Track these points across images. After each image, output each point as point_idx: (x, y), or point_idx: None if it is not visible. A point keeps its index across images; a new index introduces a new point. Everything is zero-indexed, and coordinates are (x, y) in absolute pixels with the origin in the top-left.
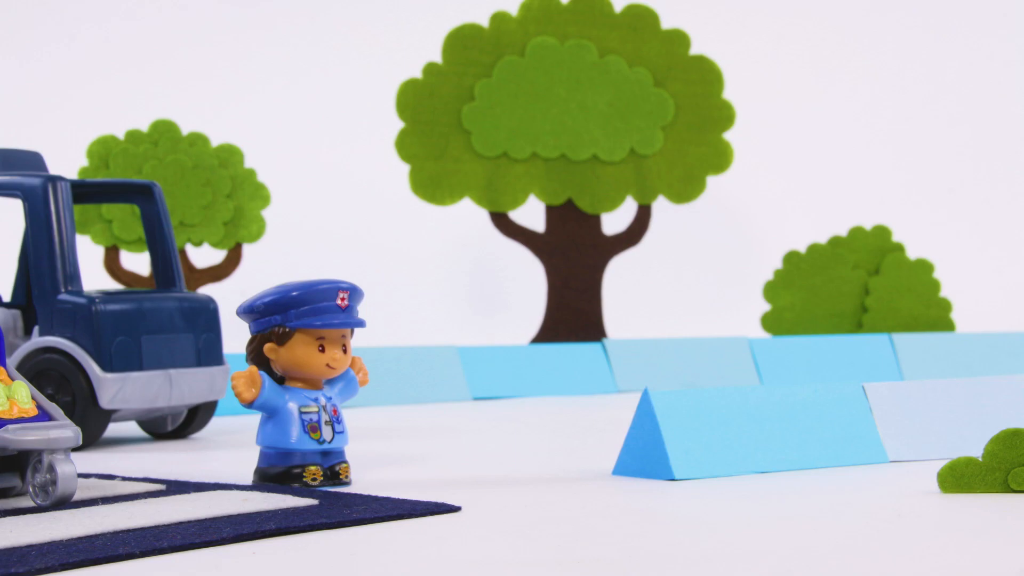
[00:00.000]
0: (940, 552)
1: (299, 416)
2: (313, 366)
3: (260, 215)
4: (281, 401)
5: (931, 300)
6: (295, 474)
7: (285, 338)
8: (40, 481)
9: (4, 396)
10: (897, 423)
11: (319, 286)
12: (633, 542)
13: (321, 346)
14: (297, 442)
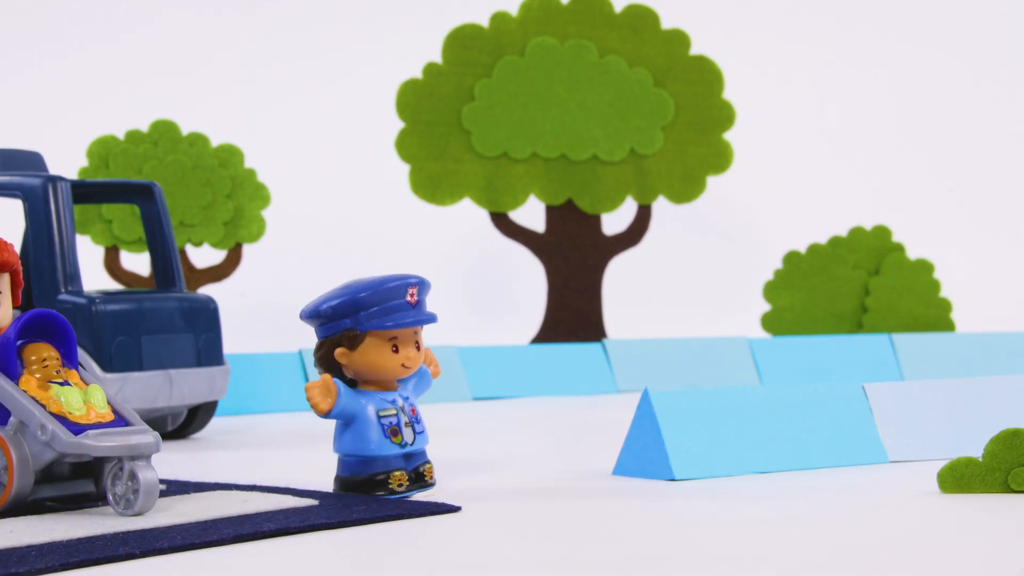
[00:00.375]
0: (940, 552)
1: (378, 420)
2: (388, 368)
3: (260, 215)
4: (358, 407)
5: (931, 300)
6: (379, 481)
7: (356, 341)
8: (121, 490)
9: (81, 401)
10: (897, 423)
11: (387, 284)
12: (633, 542)
13: (395, 346)
14: (379, 448)
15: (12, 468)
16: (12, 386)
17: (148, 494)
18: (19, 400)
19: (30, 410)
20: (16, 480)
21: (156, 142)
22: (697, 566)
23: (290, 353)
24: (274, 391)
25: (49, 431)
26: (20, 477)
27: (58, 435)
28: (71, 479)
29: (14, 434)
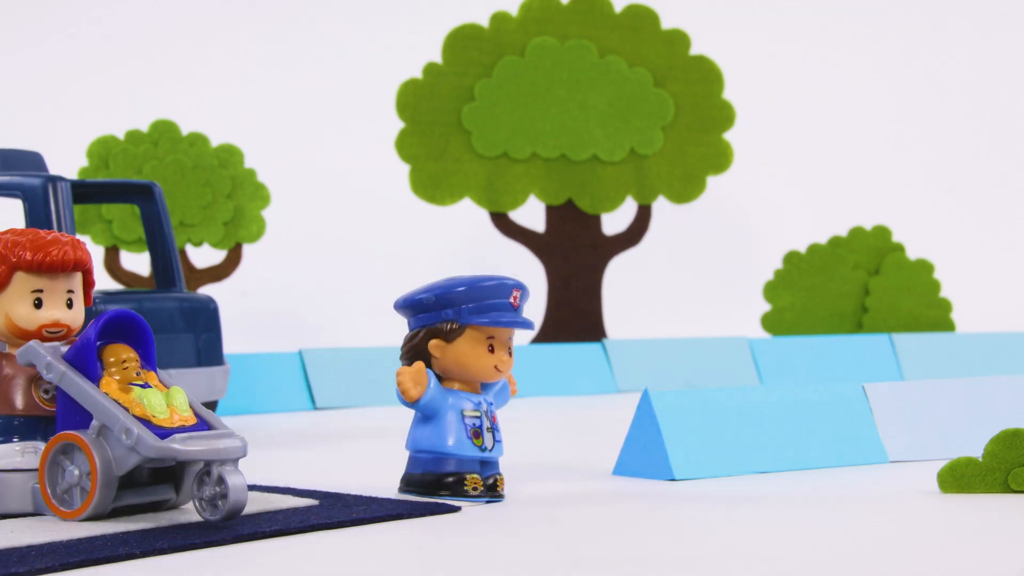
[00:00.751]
0: (940, 552)
1: (462, 419)
2: (480, 367)
3: (260, 215)
4: (444, 402)
5: (931, 300)
6: (454, 482)
7: (454, 335)
8: (209, 495)
9: (164, 404)
10: (897, 423)
11: (492, 281)
12: (633, 542)
13: (491, 346)
14: (459, 447)
15: (96, 473)
16: (94, 388)
17: (236, 499)
18: (102, 403)
19: (113, 413)
20: (99, 486)
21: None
22: (697, 566)
23: (290, 353)
24: (274, 391)
25: (134, 435)
26: (103, 483)
27: (144, 439)
28: (150, 484)
29: (96, 438)
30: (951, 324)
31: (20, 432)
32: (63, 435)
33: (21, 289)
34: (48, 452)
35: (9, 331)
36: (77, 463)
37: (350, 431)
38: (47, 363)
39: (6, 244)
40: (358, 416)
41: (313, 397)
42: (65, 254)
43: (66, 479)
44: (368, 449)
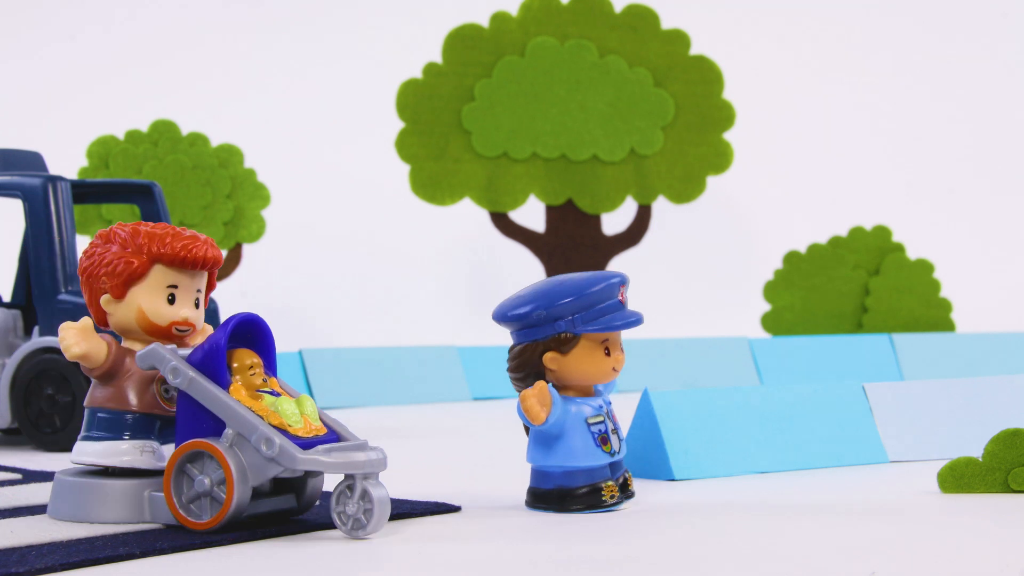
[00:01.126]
0: (940, 552)
1: (588, 428)
2: (599, 372)
3: (260, 215)
4: (568, 414)
5: (931, 300)
6: (592, 493)
7: (570, 346)
8: (352, 509)
9: (297, 412)
10: (897, 423)
11: (601, 284)
12: (633, 542)
13: (606, 349)
14: (591, 458)
15: (232, 482)
16: (227, 396)
17: (381, 513)
18: (238, 411)
19: (252, 423)
20: (236, 495)
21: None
22: (697, 566)
23: (290, 353)
24: None
25: (276, 446)
26: (240, 492)
27: (287, 450)
28: (274, 494)
29: (230, 447)
30: (951, 324)
31: (132, 429)
32: (194, 443)
33: (157, 283)
34: (176, 460)
35: (139, 324)
36: (207, 472)
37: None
38: (173, 367)
39: (146, 236)
40: (358, 416)
41: (313, 397)
42: (206, 251)
43: (195, 488)
44: None
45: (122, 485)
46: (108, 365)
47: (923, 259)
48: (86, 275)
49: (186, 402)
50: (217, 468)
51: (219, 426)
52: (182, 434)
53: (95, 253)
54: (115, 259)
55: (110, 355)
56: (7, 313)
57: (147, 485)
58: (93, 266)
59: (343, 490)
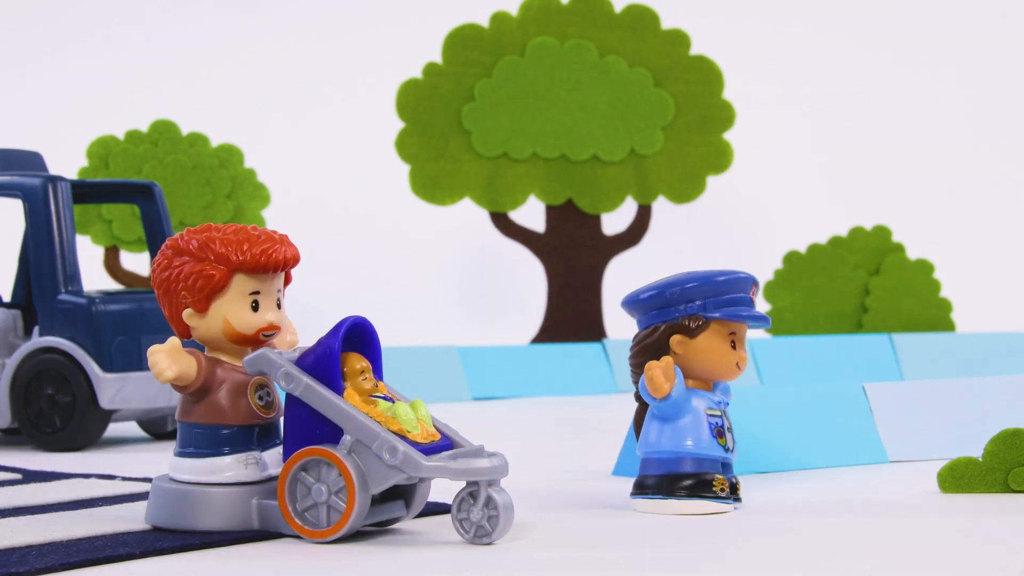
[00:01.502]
0: (940, 552)
1: (705, 418)
2: (724, 364)
3: (260, 215)
4: (688, 400)
5: (931, 300)
6: (697, 483)
7: (698, 330)
8: (477, 516)
9: (414, 418)
10: (897, 423)
11: (733, 275)
12: (633, 542)
13: (732, 342)
14: (708, 448)
15: (353, 491)
16: (346, 403)
17: (507, 520)
18: (358, 418)
19: (373, 429)
20: (357, 504)
21: (156, 142)
22: (697, 566)
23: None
24: None
25: (400, 453)
26: (360, 501)
27: (412, 458)
28: (384, 502)
29: (348, 454)
30: (951, 324)
31: (231, 443)
32: (311, 451)
33: (240, 292)
34: (291, 468)
35: (225, 335)
36: (325, 480)
37: None
38: (286, 373)
39: (222, 244)
40: None
41: None
42: (284, 252)
43: (312, 497)
44: None
45: (227, 492)
46: (200, 382)
47: (923, 259)
48: (163, 289)
49: (296, 408)
50: (336, 476)
51: (333, 433)
52: (292, 442)
53: (170, 266)
54: (193, 273)
55: (200, 371)
56: (7, 313)
57: (253, 492)
58: (170, 280)
59: (465, 497)
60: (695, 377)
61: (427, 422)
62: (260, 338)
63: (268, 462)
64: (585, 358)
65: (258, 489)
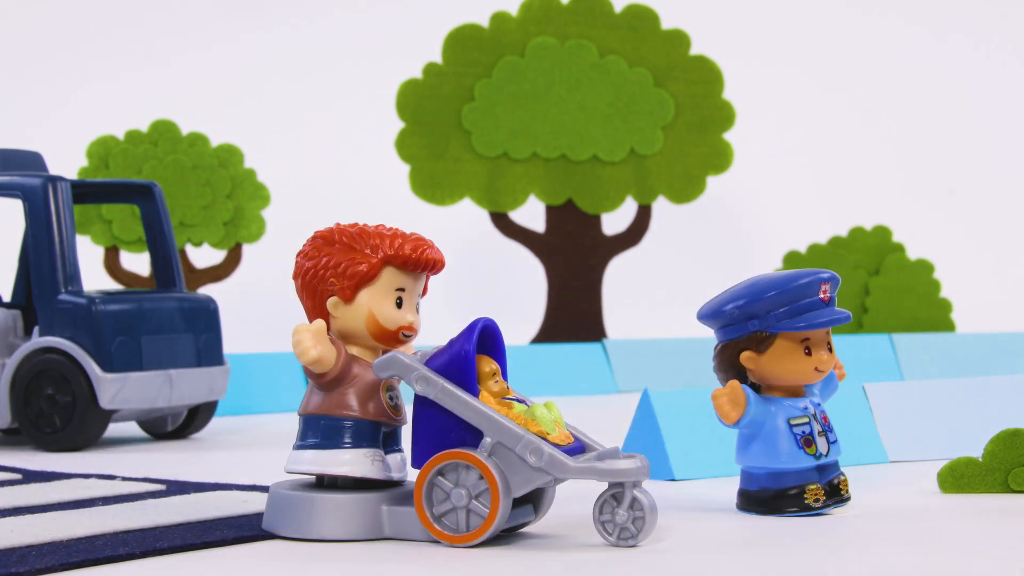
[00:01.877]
0: (940, 552)
1: (790, 430)
2: (799, 372)
3: (260, 215)
4: (768, 414)
5: (931, 300)
6: (793, 496)
7: (765, 345)
8: (622, 518)
9: (551, 419)
10: (897, 423)
11: (798, 281)
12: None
13: (807, 348)
14: (791, 460)
15: (498, 495)
16: (485, 405)
17: (652, 521)
18: (500, 421)
19: (516, 432)
20: (500, 508)
21: (156, 142)
22: (696, 566)
23: (290, 353)
24: (274, 391)
25: (545, 455)
26: (503, 504)
27: (557, 459)
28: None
29: (489, 457)
30: (951, 324)
31: (357, 436)
32: (450, 454)
33: (387, 286)
34: (428, 472)
35: (368, 328)
36: (464, 484)
37: None
38: (422, 376)
39: (376, 236)
40: None
41: None
42: (436, 253)
43: (451, 502)
44: None
45: (355, 499)
46: (337, 371)
47: (923, 259)
48: (308, 276)
49: (429, 412)
50: (476, 480)
51: (468, 436)
52: (423, 446)
53: (319, 254)
54: (344, 260)
55: (339, 360)
56: (7, 313)
57: (382, 498)
58: (317, 268)
59: (607, 499)
60: (777, 386)
61: (561, 424)
62: (400, 337)
63: (391, 465)
64: (585, 358)
65: (385, 495)
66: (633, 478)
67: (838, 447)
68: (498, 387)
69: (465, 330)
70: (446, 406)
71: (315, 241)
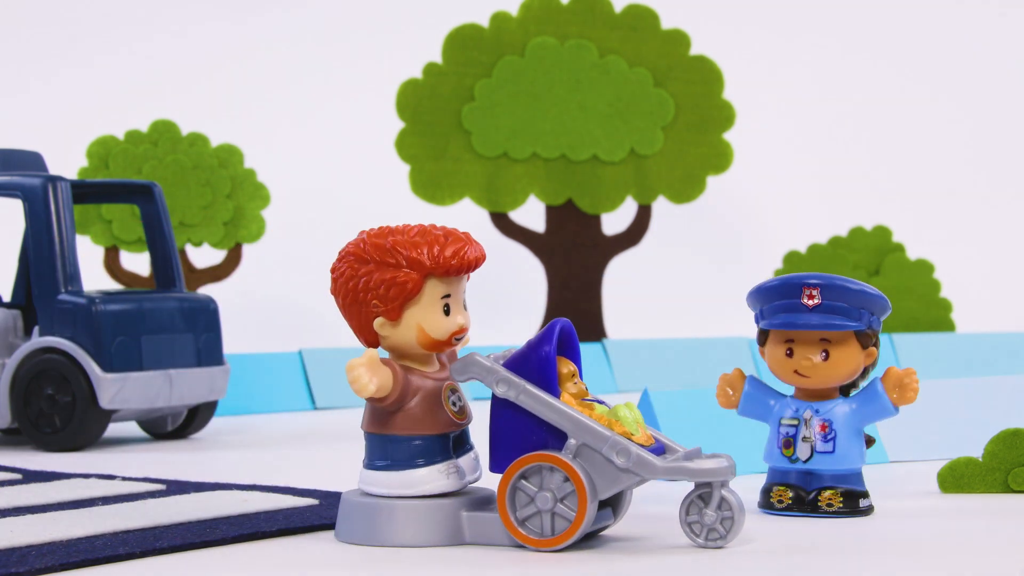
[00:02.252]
0: (940, 552)
1: (777, 429)
2: (782, 373)
3: (260, 215)
4: (764, 409)
5: (931, 300)
6: (763, 491)
7: (762, 340)
8: (711, 519)
9: (632, 420)
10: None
11: (785, 281)
12: (633, 543)
13: (788, 349)
14: (770, 457)
15: (584, 496)
16: (569, 406)
17: (740, 521)
18: (584, 422)
19: (602, 433)
20: (588, 510)
21: (156, 142)
22: (697, 566)
23: (290, 353)
24: (274, 391)
25: (633, 455)
26: (591, 507)
27: (645, 460)
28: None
29: (574, 459)
30: (951, 324)
31: (429, 453)
32: (534, 457)
33: (432, 297)
34: (511, 476)
35: (420, 343)
36: (549, 487)
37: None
38: (503, 378)
39: (410, 245)
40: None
41: (313, 397)
42: (475, 250)
43: (537, 505)
44: None
45: (435, 505)
46: (397, 393)
47: (923, 259)
48: (350, 299)
49: (507, 414)
50: (561, 482)
51: (550, 439)
52: (504, 449)
53: (355, 274)
54: (384, 281)
55: (398, 383)
56: (7, 313)
57: (461, 504)
58: (358, 291)
59: (694, 500)
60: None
61: (643, 424)
62: (452, 342)
63: (465, 469)
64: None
65: (461, 500)
66: (722, 478)
67: (829, 459)
68: (576, 388)
69: (545, 331)
70: (528, 408)
71: (346, 259)
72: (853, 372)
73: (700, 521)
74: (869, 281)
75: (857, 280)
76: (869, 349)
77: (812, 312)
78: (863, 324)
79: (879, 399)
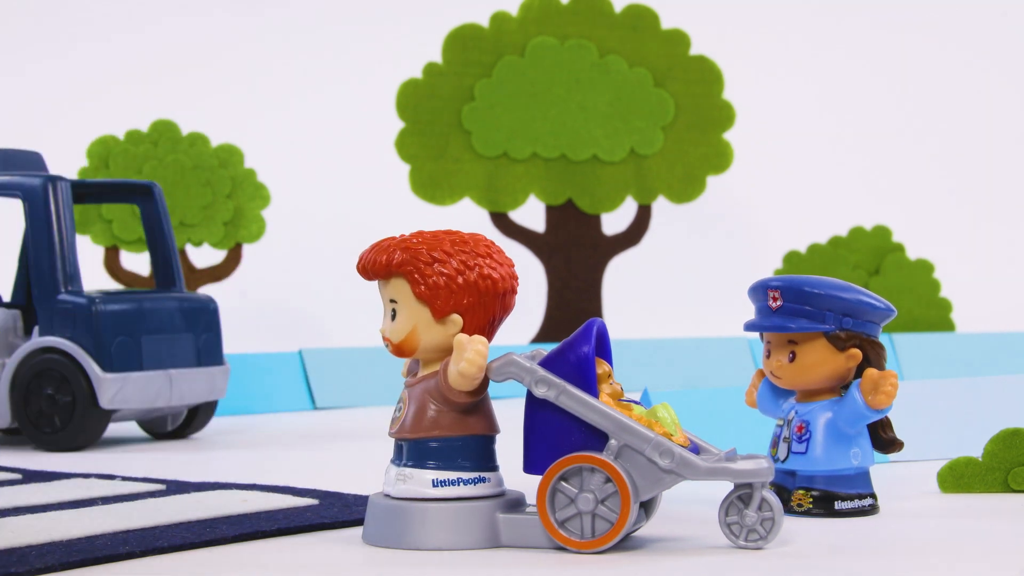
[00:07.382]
0: (940, 552)
1: (775, 428)
2: (767, 373)
3: (260, 215)
4: (774, 407)
5: (931, 300)
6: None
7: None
8: (751, 520)
9: (670, 421)
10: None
11: (758, 285)
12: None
13: (767, 351)
14: None
15: (628, 497)
16: (611, 408)
17: (780, 522)
18: (627, 423)
19: (644, 433)
20: (631, 510)
21: (156, 142)
22: (696, 566)
23: (290, 353)
24: (274, 391)
25: (676, 456)
26: (633, 508)
27: (688, 460)
28: None
29: (615, 459)
30: (951, 324)
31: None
32: (576, 458)
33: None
34: (552, 477)
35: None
36: (590, 489)
37: (350, 431)
38: (542, 378)
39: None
40: (358, 416)
41: (313, 397)
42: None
43: (578, 507)
44: (368, 449)
45: (470, 507)
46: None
47: (923, 259)
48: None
49: (544, 415)
50: (602, 484)
51: (589, 439)
52: (541, 450)
53: None
54: None
55: None
56: (7, 313)
57: (495, 506)
58: None
59: (734, 500)
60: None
61: (679, 425)
62: None
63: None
64: None
65: (499, 503)
66: (763, 479)
67: (801, 460)
68: (612, 389)
69: (582, 330)
70: (568, 409)
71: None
72: (831, 374)
73: (740, 522)
74: (869, 281)
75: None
76: (850, 351)
77: (775, 314)
78: (830, 326)
79: (853, 402)
